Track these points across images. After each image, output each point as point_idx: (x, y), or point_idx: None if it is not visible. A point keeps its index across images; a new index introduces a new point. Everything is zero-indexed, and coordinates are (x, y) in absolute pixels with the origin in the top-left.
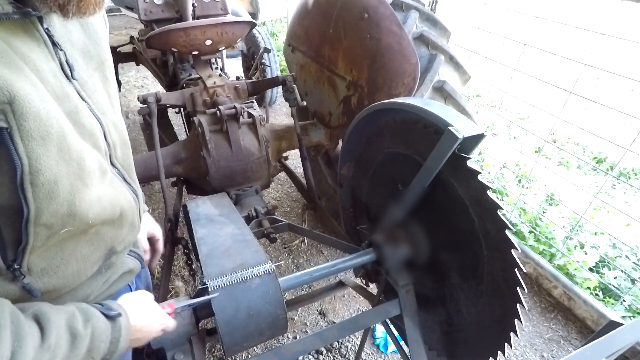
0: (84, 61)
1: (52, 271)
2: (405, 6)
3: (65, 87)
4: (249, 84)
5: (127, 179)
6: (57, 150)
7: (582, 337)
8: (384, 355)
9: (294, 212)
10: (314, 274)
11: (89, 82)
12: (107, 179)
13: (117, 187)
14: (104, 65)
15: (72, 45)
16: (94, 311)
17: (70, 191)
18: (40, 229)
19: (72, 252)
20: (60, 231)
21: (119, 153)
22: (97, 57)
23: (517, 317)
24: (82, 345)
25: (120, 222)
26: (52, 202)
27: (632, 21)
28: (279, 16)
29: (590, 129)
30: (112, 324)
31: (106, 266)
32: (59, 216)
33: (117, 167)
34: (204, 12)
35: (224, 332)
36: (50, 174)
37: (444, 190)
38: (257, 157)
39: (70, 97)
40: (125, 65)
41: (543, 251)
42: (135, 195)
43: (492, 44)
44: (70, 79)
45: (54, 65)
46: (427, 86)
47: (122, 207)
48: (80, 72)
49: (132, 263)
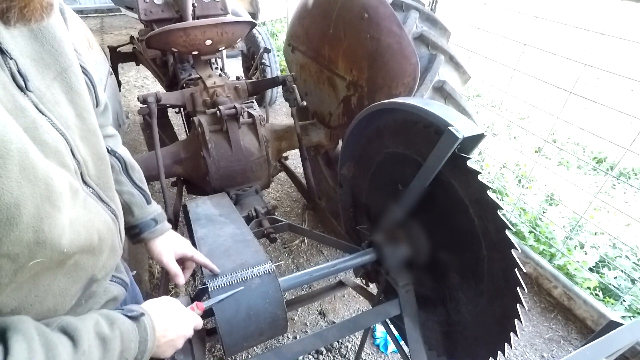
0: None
1: (24, 310)
2: (405, 6)
3: (19, 100)
4: (249, 84)
5: (104, 198)
6: (18, 170)
7: (582, 337)
8: (384, 355)
9: (294, 212)
10: (314, 274)
11: (47, 93)
12: (79, 200)
13: (92, 209)
14: (66, 73)
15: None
16: (116, 315)
17: (35, 215)
18: (3, 261)
19: (49, 287)
20: (28, 263)
21: (92, 170)
22: (54, 65)
23: (517, 317)
24: (113, 347)
25: (100, 247)
26: (13, 229)
27: (632, 21)
28: (279, 16)
29: (590, 129)
30: (137, 324)
31: (86, 296)
32: (24, 245)
33: (91, 186)
34: (204, 12)
35: (224, 332)
36: (9, 197)
37: (444, 191)
38: (257, 157)
39: (25, 112)
40: (125, 65)
41: (543, 251)
42: (114, 215)
43: (492, 44)
44: (25, 91)
45: (3, 76)
46: (427, 86)
47: (99, 231)
48: (35, 82)
49: (115, 290)
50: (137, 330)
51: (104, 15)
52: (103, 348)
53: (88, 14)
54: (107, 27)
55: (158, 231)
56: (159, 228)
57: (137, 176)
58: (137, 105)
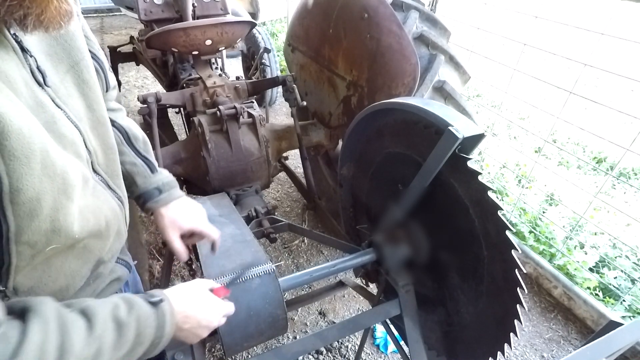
0: (52, 65)
1: (39, 289)
2: (405, 6)
3: (39, 96)
4: (249, 84)
5: (112, 185)
6: (40, 167)
7: (582, 337)
8: (384, 355)
9: (294, 212)
10: (314, 274)
11: (61, 87)
12: (89, 188)
13: (100, 196)
14: (77, 66)
15: (36, 49)
16: (136, 299)
17: (53, 207)
18: (23, 247)
19: (60, 268)
20: (45, 249)
21: (102, 159)
22: (67, 59)
23: (517, 317)
24: (128, 332)
25: (107, 232)
26: (34, 219)
27: (632, 21)
28: (279, 16)
29: (590, 129)
30: (155, 310)
31: (94, 277)
32: (42, 233)
33: (100, 174)
34: (204, 12)
35: (224, 332)
36: (32, 192)
37: (444, 191)
38: (257, 157)
39: (45, 107)
40: (125, 65)
41: (543, 251)
42: (121, 202)
43: (492, 44)
44: (44, 87)
45: (25, 74)
46: (427, 86)
47: (106, 217)
48: (51, 77)
49: (120, 270)
50: (155, 316)
51: (104, 15)
52: (118, 332)
53: (88, 14)
54: (107, 27)
55: (162, 201)
56: (163, 197)
57: (141, 146)
58: (137, 105)
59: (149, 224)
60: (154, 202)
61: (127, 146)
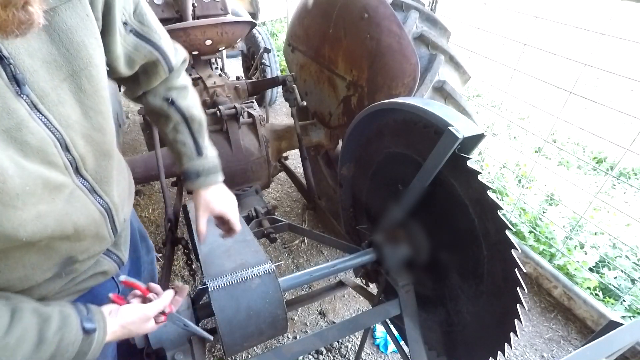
0: (47, 72)
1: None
2: (405, 6)
3: (8, 103)
4: (249, 84)
5: (98, 190)
6: None
7: (582, 337)
8: (384, 355)
9: (294, 212)
10: (314, 274)
11: (52, 93)
12: (61, 194)
13: (75, 202)
14: (77, 75)
15: (30, 56)
16: (71, 320)
17: None
18: None
19: (19, 260)
20: None
21: (91, 164)
22: (66, 67)
23: (517, 317)
24: (47, 350)
25: (77, 236)
26: None
27: (632, 21)
28: (279, 16)
29: (590, 129)
30: (85, 337)
31: (67, 272)
32: None
33: (87, 179)
34: (204, 12)
35: (224, 332)
36: None
37: (444, 191)
38: (257, 157)
39: (13, 113)
40: None
41: (543, 251)
42: (106, 208)
43: (492, 44)
44: (20, 94)
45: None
46: (427, 86)
47: (76, 223)
48: (40, 83)
49: (107, 265)
50: (79, 343)
51: None
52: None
53: None
54: None
55: (199, 184)
56: (199, 181)
57: (196, 127)
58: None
59: (148, 224)
60: (190, 183)
61: (184, 125)
